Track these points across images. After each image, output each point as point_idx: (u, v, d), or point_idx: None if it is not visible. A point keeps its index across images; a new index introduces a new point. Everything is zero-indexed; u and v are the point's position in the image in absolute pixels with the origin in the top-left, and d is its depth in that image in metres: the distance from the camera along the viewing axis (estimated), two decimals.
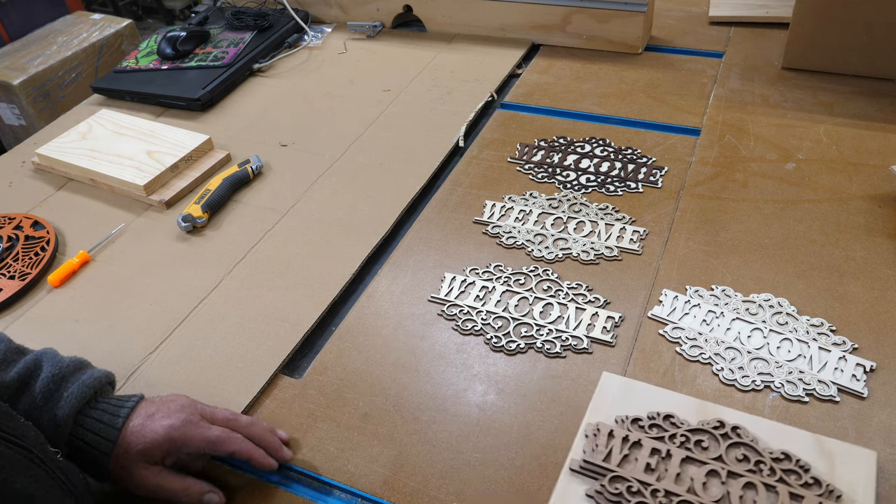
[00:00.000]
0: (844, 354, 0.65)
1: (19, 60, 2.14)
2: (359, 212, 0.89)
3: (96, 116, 1.08)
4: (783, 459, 0.55)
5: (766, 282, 0.74)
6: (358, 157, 0.99)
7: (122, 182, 0.94)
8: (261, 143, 1.03)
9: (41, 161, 1.02)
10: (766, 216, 0.82)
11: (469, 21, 1.24)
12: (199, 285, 0.80)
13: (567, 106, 1.05)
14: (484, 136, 1.01)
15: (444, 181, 0.93)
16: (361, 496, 0.60)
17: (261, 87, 1.18)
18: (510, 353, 0.70)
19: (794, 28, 1.03)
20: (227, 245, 0.86)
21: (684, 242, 0.80)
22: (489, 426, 0.63)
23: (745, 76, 1.07)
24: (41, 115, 2.10)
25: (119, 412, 0.57)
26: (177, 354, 0.73)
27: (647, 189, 0.88)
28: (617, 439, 0.58)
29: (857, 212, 0.81)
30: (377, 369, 0.69)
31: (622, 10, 1.12)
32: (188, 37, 1.22)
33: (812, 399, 0.63)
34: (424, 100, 1.10)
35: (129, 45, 2.33)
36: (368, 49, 1.26)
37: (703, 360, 0.67)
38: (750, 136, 0.95)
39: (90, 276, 0.84)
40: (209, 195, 0.90)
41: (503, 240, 0.82)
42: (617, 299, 0.74)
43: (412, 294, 0.77)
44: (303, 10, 1.35)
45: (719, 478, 0.55)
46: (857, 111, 0.97)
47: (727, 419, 0.58)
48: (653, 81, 1.09)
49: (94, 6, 3.15)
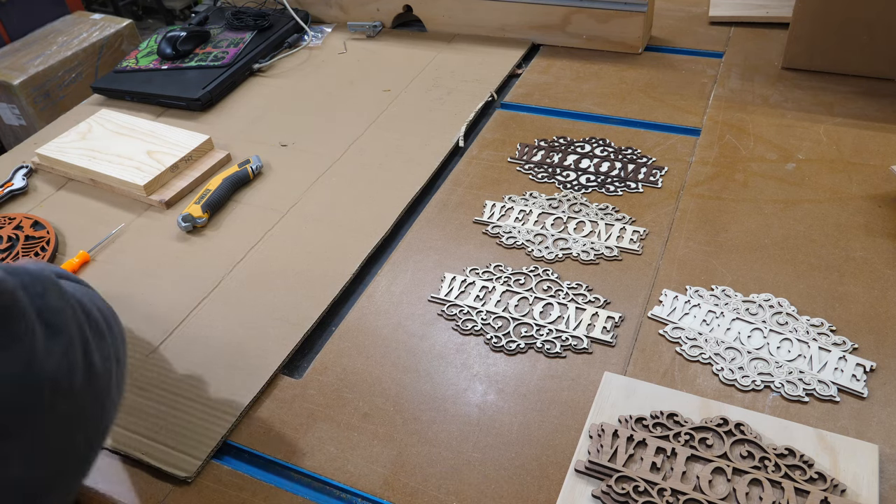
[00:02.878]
0: (844, 354, 0.65)
1: (19, 60, 2.14)
2: (359, 212, 0.89)
3: (96, 116, 1.07)
4: (787, 455, 0.55)
5: (766, 282, 0.74)
6: (358, 157, 0.99)
7: (122, 182, 0.94)
8: (261, 143, 1.03)
9: (41, 161, 1.02)
10: (766, 216, 0.82)
11: (469, 21, 1.24)
12: (199, 285, 0.80)
13: (567, 106, 1.05)
14: (484, 136, 1.01)
15: (444, 181, 0.93)
16: (361, 496, 0.60)
17: (261, 87, 1.18)
18: (510, 353, 0.70)
19: (794, 28, 1.03)
20: (227, 245, 0.86)
21: (684, 242, 0.80)
22: (489, 426, 0.63)
23: (745, 76, 1.07)
24: (41, 115, 2.10)
25: None
26: (177, 354, 0.72)
27: (647, 189, 0.88)
28: (622, 439, 0.58)
29: (857, 212, 0.81)
30: (377, 369, 0.69)
31: (622, 10, 1.12)
32: (188, 37, 1.22)
33: (812, 399, 0.63)
34: (424, 100, 1.10)
35: (129, 45, 2.33)
36: (368, 49, 1.26)
37: (703, 360, 0.67)
38: (750, 136, 0.95)
39: (90, 276, 0.84)
40: (209, 195, 0.90)
41: (503, 240, 0.82)
42: (617, 299, 0.74)
43: (412, 294, 0.77)
44: (303, 10, 1.35)
45: (725, 475, 0.55)
46: (857, 111, 0.97)
47: (730, 416, 0.58)
48: (653, 81, 1.09)
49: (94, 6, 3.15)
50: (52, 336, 0.42)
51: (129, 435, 0.65)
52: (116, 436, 0.65)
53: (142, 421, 0.66)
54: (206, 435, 0.64)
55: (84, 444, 0.45)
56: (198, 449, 0.63)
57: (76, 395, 0.44)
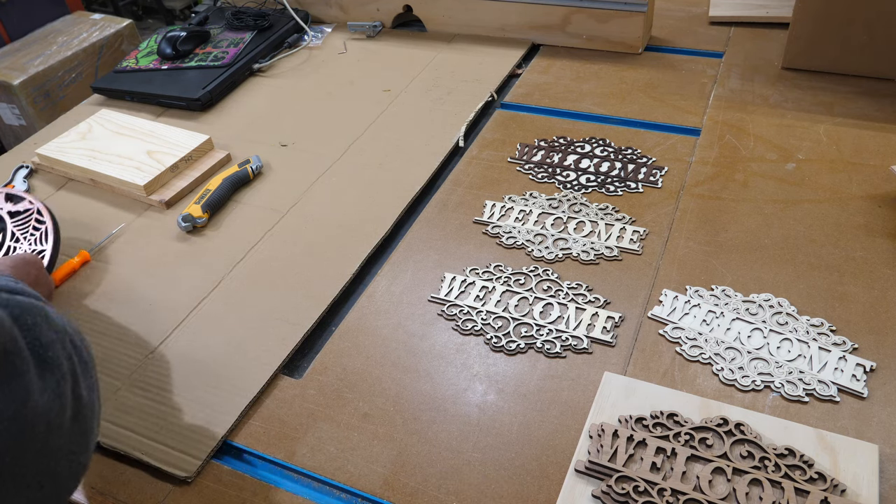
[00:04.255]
0: (844, 354, 0.65)
1: (19, 60, 2.14)
2: (359, 212, 0.89)
3: (96, 116, 1.07)
4: (787, 455, 0.55)
5: (766, 282, 0.74)
6: (358, 157, 0.99)
7: (122, 182, 0.94)
8: (261, 143, 1.03)
9: (41, 161, 1.02)
10: (766, 216, 0.82)
11: (469, 21, 1.24)
12: (199, 285, 0.80)
13: (567, 106, 1.05)
14: (484, 136, 1.01)
15: (444, 181, 0.93)
16: (361, 496, 0.60)
17: (261, 87, 1.18)
18: (510, 353, 0.70)
19: (794, 28, 1.03)
20: (227, 245, 0.86)
21: (684, 242, 0.80)
22: (489, 426, 0.63)
23: (745, 76, 1.07)
24: (41, 115, 2.10)
25: None
26: (176, 354, 0.72)
27: (647, 189, 0.88)
28: (622, 439, 0.58)
29: (857, 212, 0.81)
30: (377, 369, 0.69)
31: (622, 10, 1.12)
32: (188, 37, 1.22)
33: (812, 399, 0.63)
34: (424, 100, 1.10)
35: (129, 45, 2.33)
36: (368, 49, 1.26)
37: (703, 360, 0.67)
38: (750, 136, 0.95)
39: (90, 275, 0.84)
40: (209, 195, 0.90)
41: (503, 240, 0.82)
42: (617, 299, 0.74)
43: (412, 294, 0.77)
44: (303, 10, 1.35)
45: (725, 475, 0.55)
46: (857, 111, 0.97)
47: (730, 416, 0.58)
48: (653, 81, 1.09)
49: (94, 6, 3.15)
50: (46, 371, 0.42)
51: (129, 435, 0.65)
52: (116, 436, 0.65)
53: (142, 421, 0.66)
54: (206, 435, 0.64)
55: (68, 475, 0.45)
56: (198, 449, 0.63)
57: (66, 430, 0.43)
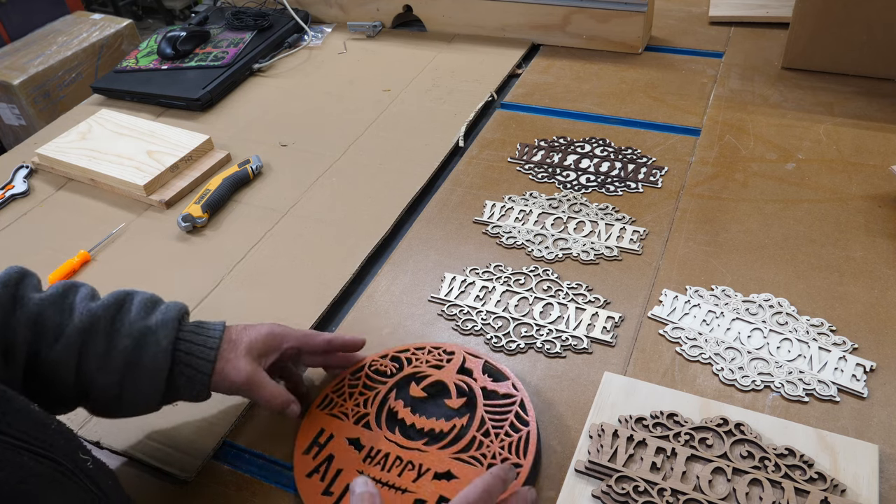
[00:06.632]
0: (844, 354, 0.65)
1: (19, 60, 2.14)
2: (359, 212, 0.89)
3: (96, 116, 1.08)
4: (787, 455, 0.55)
5: (766, 282, 0.74)
6: (358, 157, 0.99)
7: (122, 182, 0.94)
8: (261, 143, 1.03)
9: (41, 161, 1.02)
10: (766, 216, 0.82)
11: (469, 21, 1.24)
12: (199, 285, 0.80)
13: (567, 106, 1.05)
14: (484, 136, 1.01)
15: (444, 181, 0.93)
16: None
17: (261, 87, 1.18)
18: (510, 353, 0.70)
19: (794, 28, 1.03)
20: (227, 245, 0.86)
21: (684, 242, 0.80)
22: None
23: (745, 76, 1.07)
24: (41, 115, 2.10)
25: (215, 325, 0.61)
26: None
27: (647, 189, 0.88)
28: (622, 439, 0.58)
29: (857, 212, 0.81)
30: None
31: (622, 10, 1.12)
32: (188, 37, 1.22)
33: (812, 399, 0.63)
34: (424, 100, 1.10)
35: (129, 45, 2.33)
36: (368, 49, 1.26)
37: (703, 360, 0.67)
38: (750, 136, 0.95)
39: (90, 275, 0.84)
40: (209, 195, 0.90)
41: (503, 240, 0.82)
42: (617, 299, 0.74)
43: (412, 294, 0.77)
44: (303, 10, 1.35)
45: (725, 475, 0.55)
46: (857, 111, 0.97)
47: (730, 416, 0.58)
48: (653, 81, 1.09)
49: (94, 6, 3.15)
50: None
51: (129, 435, 0.65)
52: (117, 436, 0.65)
53: (142, 421, 0.66)
54: (206, 435, 0.64)
55: None
56: (198, 449, 0.63)
57: None
